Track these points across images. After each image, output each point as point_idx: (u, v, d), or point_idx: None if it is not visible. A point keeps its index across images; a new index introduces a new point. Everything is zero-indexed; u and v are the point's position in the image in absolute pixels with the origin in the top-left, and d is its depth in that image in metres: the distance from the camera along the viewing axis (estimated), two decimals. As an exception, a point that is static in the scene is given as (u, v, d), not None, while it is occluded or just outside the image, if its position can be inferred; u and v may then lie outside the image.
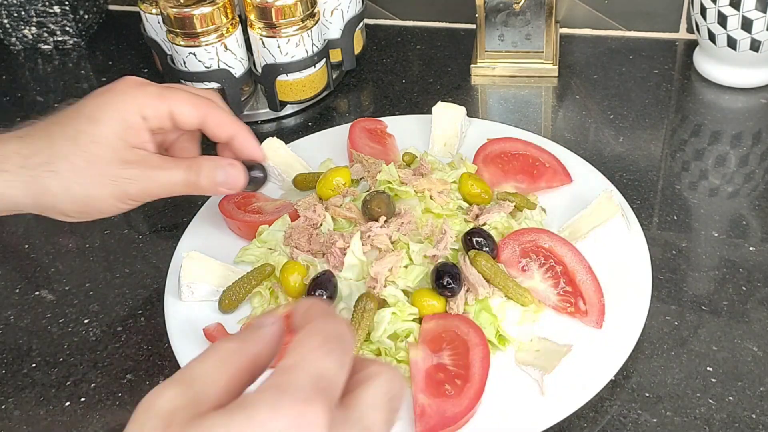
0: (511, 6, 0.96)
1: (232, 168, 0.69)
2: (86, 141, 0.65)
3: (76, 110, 0.67)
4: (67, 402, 0.71)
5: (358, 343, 0.66)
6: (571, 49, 1.04)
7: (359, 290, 0.71)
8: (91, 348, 0.75)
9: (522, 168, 0.82)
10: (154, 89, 0.68)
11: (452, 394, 0.63)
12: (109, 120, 0.65)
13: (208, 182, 0.68)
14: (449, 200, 0.77)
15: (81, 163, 0.64)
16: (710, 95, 0.96)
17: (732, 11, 0.89)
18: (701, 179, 0.86)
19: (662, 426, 0.65)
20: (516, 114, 0.96)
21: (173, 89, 0.69)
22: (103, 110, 0.66)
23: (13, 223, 0.89)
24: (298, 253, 0.73)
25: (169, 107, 0.67)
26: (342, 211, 0.75)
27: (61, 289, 0.81)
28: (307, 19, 0.93)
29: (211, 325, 0.70)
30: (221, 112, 0.70)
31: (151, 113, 0.67)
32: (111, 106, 0.66)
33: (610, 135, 0.92)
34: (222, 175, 0.69)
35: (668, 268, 0.77)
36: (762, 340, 0.70)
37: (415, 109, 0.98)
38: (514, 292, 0.69)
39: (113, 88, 0.67)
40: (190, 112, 0.68)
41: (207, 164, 0.68)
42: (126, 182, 0.65)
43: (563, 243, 0.71)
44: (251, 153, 0.71)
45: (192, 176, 0.68)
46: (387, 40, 1.09)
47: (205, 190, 0.69)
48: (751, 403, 0.66)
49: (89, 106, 0.66)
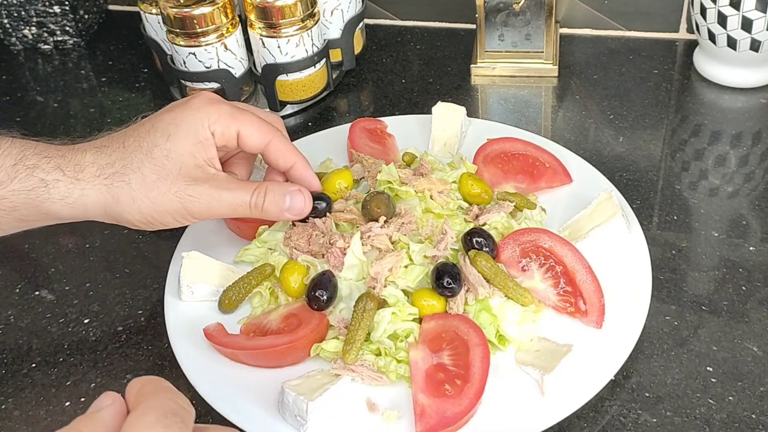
0: (511, 6, 0.96)
1: (300, 195, 0.71)
2: (159, 155, 0.67)
3: (152, 124, 0.69)
4: (67, 402, 0.71)
5: (359, 343, 0.66)
6: (571, 49, 1.05)
7: (359, 290, 0.71)
8: (91, 348, 0.75)
9: (522, 168, 0.82)
10: (227, 108, 0.70)
11: (452, 394, 0.63)
12: (183, 135, 0.67)
13: (274, 208, 0.69)
14: (449, 200, 0.77)
15: (152, 176, 0.66)
16: (710, 95, 0.96)
17: (732, 11, 0.89)
18: (701, 179, 0.86)
19: (662, 426, 0.65)
20: (516, 114, 0.96)
21: (244, 111, 0.71)
22: (178, 125, 0.68)
23: (13, 223, 0.89)
24: (297, 253, 0.73)
25: (238, 128, 0.69)
26: (343, 215, 0.75)
27: (61, 289, 0.81)
28: (307, 19, 0.93)
29: (211, 325, 0.70)
30: (284, 141, 0.72)
31: (220, 130, 0.69)
32: (185, 122, 0.68)
33: (610, 135, 0.92)
34: (289, 201, 0.70)
35: (668, 268, 0.77)
36: (762, 340, 0.70)
37: (415, 109, 0.98)
38: (514, 292, 0.69)
39: (188, 103, 0.70)
40: (257, 137, 0.70)
41: (274, 189, 0.70)
42: (191, 200, 0.67)
43: (563, 243, 0.71)
44: (308, 183, 0.73)
45: (258, 200, 0.69)
46: (387, 40, 1.09)
47: (270, 215, 0.70)
48: (751, 403, 0.66)
49: (165, 121, 0.68)
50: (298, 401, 0.62)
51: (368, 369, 0.66)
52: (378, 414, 0.65)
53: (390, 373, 0.66)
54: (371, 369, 0.66)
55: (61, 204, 0.66)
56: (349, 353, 0.66)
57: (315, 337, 0.68)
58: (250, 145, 0.71)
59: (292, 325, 0.69)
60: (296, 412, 0.63)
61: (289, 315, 0.70)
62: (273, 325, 0.70)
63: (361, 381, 0.66)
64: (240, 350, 0.68)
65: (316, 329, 0.68)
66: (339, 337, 0.69)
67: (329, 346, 0.68)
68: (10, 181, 0.65)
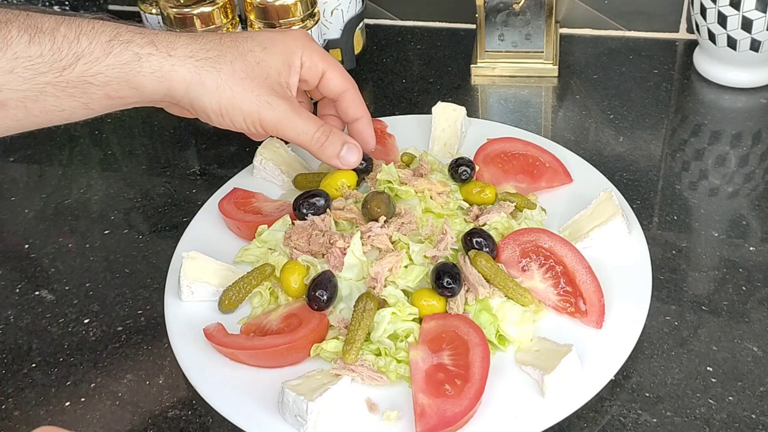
0: (511, 6, 0.96)
1: (356, 149, 0.77)
2: (252, 60, 0.71)
3: (250, 36, 0.74)
4: (67, 402, 0.71)
5: (359, 343, 0.66)
6: (571, 49, 1.05)
7: (359, 290, 0.71)
8: (91, 348, 0.75)
9: (522, 168, 0.82)
10: (320, 49, 0.76)
11: (452, 394, 0.63)
12: (276, 52, 0.73)
13: (332, 150, 0.75)
14: (449, 200, 0.77)
15: (241, 73, 0.71)
16: (710, 95, 0.96)
17: (732, 11, 0.89)
18: (701, 179, 0.86)
19: (662, 426, 0.65)
20: (516, 114, 0.96)
21: (333, 58, 0.77)
22: (275, 43, 0.73)
23: (13, 223, 0.89)
24: (297, 253, 0.73)
25: (325, 68, 0.76)
26: (343, 213, 0.75)
27: (61, 289, 0.81)
28: (307, 19, 0.93)
29: (211, 325, 0.70)
30: (359, 94, 0.79)
31: (308, 63, 0.75)
32: (282, 42, 0.74)
33: (610, 135, 0.92)
34: (345, 150, 0.76)
35: (668, 268, 0.77)
36: (762, 340, 0.70)
37: (415, 109, 0.98)
38: (514, 292, 0.69)
39: (287, 32, 0.77)
40: (339, 81, 0.77)
41: (337, 134, 0.75)
42: (267, 107, 0.71)
43: (563, 243, 0.71)
44: (366, 138, 0.80)
45: (321, 137, 0.74)
46: (387, 40, 1.09)
47: (323, 155, 0.75)
48: (751, 403, 0.66)
49: (263, 35, 0.74)
50: (298, 401, 0.62)
51: (368, 369, 0.66)
52: (378, 414, 0.65)
53: (390, 373, 0.66)
54: (371, 369, 0.66)
55: (150, 78, 0.68)
56: (349, 353, 0.66)
57: (315, 337, 0.68)
58: (331, 87, 0.76)
59: (292, 325, 0.69)
60: (296, 412, 0.63)
61: (289, 315, 0.70)
62: (273, 325, 0.70)
63: (361, 381, 0.66)
64: (240, 350, 0.68)
65: (316, 329, 0.68)
66: (339, 337, 0.69)
67: (329, 346, 0.68)
68: (106, 56, 0.67)
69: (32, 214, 0.90)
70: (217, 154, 0.94)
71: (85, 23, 0.67)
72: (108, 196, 0.91)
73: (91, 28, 0.67)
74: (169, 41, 0.69)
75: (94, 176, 0.94)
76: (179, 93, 0.70)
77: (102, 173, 0.94)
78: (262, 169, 0.85)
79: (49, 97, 0.66)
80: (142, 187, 0.91)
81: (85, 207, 0.90)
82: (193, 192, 0.90)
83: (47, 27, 0.66)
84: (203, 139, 0.96)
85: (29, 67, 0.65)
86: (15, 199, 0.92)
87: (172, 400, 0.70)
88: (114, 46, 0.67)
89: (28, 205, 0.91)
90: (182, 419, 0.68)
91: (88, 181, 0.93)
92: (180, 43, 0.70)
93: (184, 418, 0.68)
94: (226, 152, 0.94)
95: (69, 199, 0.91)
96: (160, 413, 0.69)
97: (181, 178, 0.92)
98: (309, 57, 0.74)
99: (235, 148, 0.94)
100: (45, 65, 0.65)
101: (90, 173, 0.94)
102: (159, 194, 0.90)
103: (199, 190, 0.90)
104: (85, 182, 0.93)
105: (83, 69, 0.66)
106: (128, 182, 0.92)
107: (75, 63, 0.66)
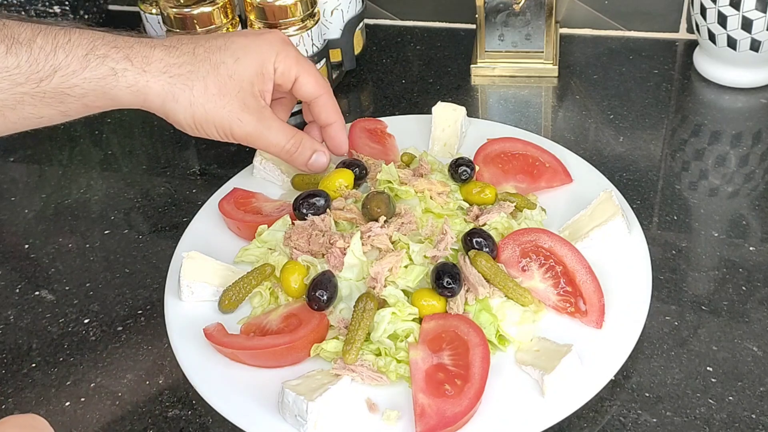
0: (511, 6, 0.96)
1: (324, 156, 0.79)
2: (225, 73, 0.72)
3: (224, 42, 0.74)
4: (67, 402, 0.71)
5: (359, 343, 0.66)
6: (571, 49, 1.05)
7: (359, 290, 0.71)
8: (91, 348, 0.75)
9: (522, 168, 0.82)
10: (294, 52, 0.76)
11: (452, 394, 0.63)
12: (249, 62, 0.73)
13: (302, 159, 0.78)
14: (449, 200, 0.77)
15: (213, 89, 0.72)
16: (710, 95, 0.96)
17: (732, 11, 0.89)
18: (701, 179, 0.86)
19: (662, 426, 0.65)
20: (516, 114, 0.96)
21: (308, 61, 0.78)
22: (248, 51, 0.73)
23: (13, 223, 0.89)
24: (297, 253, 0.73)
25: (299, 73, 0.76)
26: (343, 213, 0.75)
27: (61, 289, 0.81)
28: (307, 19, 0.93)
29: (211, 325, 0.70)
30: (333, 99, 0.80)
31: (282, 69, 0.75)
32: (255, 50, 0.74)
33: (610, 135, 0.92)
34: (315, 157, 0.78)
35: (668, 268, 0.77)
36: (762, 340, 0.70)
37: (415, 109, 0.98)
38: (514, 292, 0.69)
39: (263, 36, 0.76)
40: (313, 86, 0.77)
41: (308, 143, 0.78)
42: (238, 123, 0.73)
43: (563, 243, 0.71)
44: (338, 143, 0.81)
45: (291, 149, 0.76)
46: (387, 40, 1.09)
47: (294, 163, 0.78)
48: (751, 403, 0.66)
49: (237, 44, 0.74)
50: (298, 401, 0.62)
51: (368, 369, 0.66)
52: (378, 414, 0.65)
53: (390, 373, 0.66)
54: (371, 369, 0.66)
55: (126, 91, 0.70)
56: (349, 353, 0.66)
57: (315, 337, 0.68)
58: (304, 92, 0.77)
59: (292, 325, 0.69)
60: (296, 412, 0.63)
61: (289, 315, 0.70)
62: (273, 325, 0.70)
63: (361, 381, 0.66)
64: (240, 350, 0.68)
65: (316, 329, 0.68)
66: (339, 337, 0.69)
67: (329, 346, 0.68)
68: (83, 70, 0.68)
69: (32, 214, 0.90)
70: (217, 154, 0.94)
71: (62, 34, 0.68)
72: (108, 196, 0.91)
73: (67, 40, 0.68)
74: (144, 55, 0.70)
75: (94, 176, 0.94)
76: (155, 106, 0.72)
77: (102, 173, 0.94)
78: (262, 169, 0.85)
79: (27, 106, 0.68)
80: (142, 187, 0.91)
81: (85, 207, 0.90)
82: (193, 192, 0.90)
83: (24, 38, 0.67)
84: (203, 139, 0.96)
85: (6, 77, 0.66)
86: (15, 199, 0.92)
87: (172, 400, 0.70)
88: (90, 60, 0.68)
89: (28, 205, 0.91)
90: (182, 419, 0.68)
91: (88, 181, 0.93)
92: (155, 57, 0.71)
93: (184, 418, 0.68)
94: (226, 152, 0.94)
95: (69, 199, 0.91)
96: (160, 413, 0.69)
97: (181, 178, 0.92)
98: (283, 62, 0.75)
99: (235, 148, 0.94)
100: (22, 76, 0.66)
101: (90, 173, 0.94)
102: (159, 194, 0.90)
103: (199, 190, 0.90)
104: (85, 182, 0.93)
105: (60, 81, 0.67)
106: (128, 182, 0.92)
107: (52, 75, 0.67)
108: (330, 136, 0.81)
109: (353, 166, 0.80)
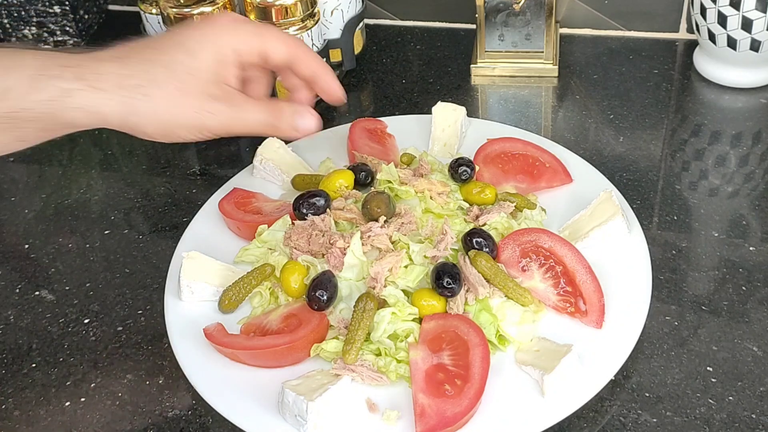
0: (511, 6, 0.96)
1: (309, 115, 0.73)
2: (181, 71, 0.68)
3: (174, 39, 0.69)
4: (67, 402, 0.71)
5: (359, 343, 0.66)
6: (571, 49, 1.05)
7: (359, 290, 0.71)
8: (91, 348, 0.75)
9: (522, 168, 0.82)
10: (251, 26, 0.72)
11: (452, 394, 0.63)
12: (205, 53, 0.68)
13: (287, 125, 0.72)
14: (449, 200, 0.77)
15: (173, 91, 0.67)
16: (710, 95, 0.96)
17: (732, 11, 0.89)
18: (701, 179, 0.86)
19: (662, 426, 0.65)
20: (516, 114, 0.96)
21: (267, 27, 0.73)
22: (201, 43, 0.69)
23: (13, 223, 0.89)
24: (297, 253, 0.73)
25: (263, 45, 0.71)
26: (343, 213, 0.76)
27: (61, 289, 0.81)
28: (307, 19, 0.93)
29: (211, 325, 0.70)
30: (309, 51, 0.74)
31: (244, 48, 0.70)
32: (208, 39, 0.69)
33: (610, 135, 0.92)
34: (298, 119, 0.73)
35: (668, 268, 0.77)
36: (762, 340, 0.70)
37: (415, 109, 0.98)
38: (514, 292, 0.69)
39: (212, 22, 0.71)
40: (283, 49, 0.72)
41: (288, 109, 0.72)
42: (209, 116, 0.68)
43: (563, 243, 0.71)
44: (333, 92, 0.75)
45: (273, 119, 0.71)
46: (387, 40, 1.09)
47: (283, 133, 0.73)
48: (751, 403, 0.66)
49: (187, 37, 0.69)
50: (298, 401, 0.62)
51: (368, 369, 0.66)
52: (378, 414, 0.65)
53: (390, 373, 0.66)
54: (371, 369, 0.66)
55: (80, 112, 0.66)
56: (349, 353, 0.66)
57: (315, 337, 0.68)
58: (277, 58, 0.72)
59: (292, 325, 0.69)
60: (296, 412, 0.63)
61: (289, 315, 0.70)
62: (273, 325, 0.70)
63: (361, 381, 0.66)
64: (240, 350, 0.68)
65: (316, 329, 0.68)
66: (339, 337, 0.69)
67: (329, 346, 0.68)
68: (33, 91, 0.65)
69: (32, 214, 0.90)
70: (217, 154, 0.94)
71: (15, 56, 0.66)
72: (108, 196, 0.91)
73: (20, 61, 0.65)
74: (95, 72, 0.66)
75: (94, 176, 0.94)
76: (115, 123, 0.68)
77: (102, 173, 0.94)
78: (262, 169, 0.85)
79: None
80: (142, 187, 0.91)
81: (85, 207, 0.90)
82: (193, 192, 0.90)
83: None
84: (203, 139, 0.96)
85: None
86: (15, 199, 0.92)
87: (172, 400, 0.70)
88: (39, 81, 0.65)
89: (28, 205, 0.91)
90: (182, 419, 0.68)
91: (88, 181, 0.93)
92: (106, 71, 0.66)
93: (184, 418, 0.68)
94: (226, 152, 0.94)
95: (69, 199, 0.91)
96: (160, 413, 0.69)
97: (181, 178, 0.92)
98: (242, 43, 0.70)
99: (235, 148, 0.94)
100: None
101: (90, 173, 0.94)
102: (159, 194, 0.90)
103: (199, 190, 0.90)
104: (85, 182, 0.93)
105: (11, 104, 0.64)
106: (128, 182, 0.92)
107: (3, 98, 0.64)
108: (322, 89, 0.75)
109: (360, 170, 0.80)
